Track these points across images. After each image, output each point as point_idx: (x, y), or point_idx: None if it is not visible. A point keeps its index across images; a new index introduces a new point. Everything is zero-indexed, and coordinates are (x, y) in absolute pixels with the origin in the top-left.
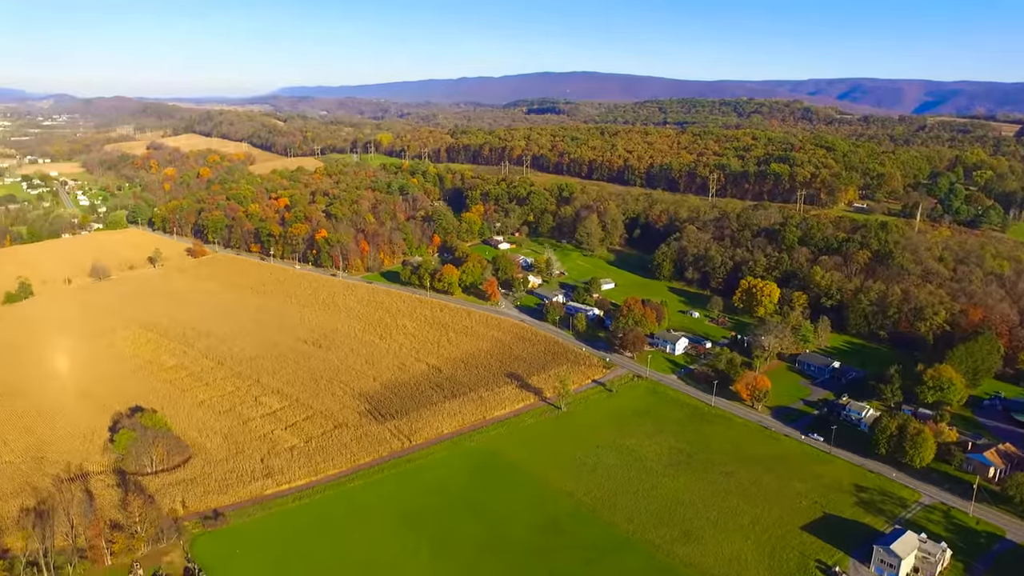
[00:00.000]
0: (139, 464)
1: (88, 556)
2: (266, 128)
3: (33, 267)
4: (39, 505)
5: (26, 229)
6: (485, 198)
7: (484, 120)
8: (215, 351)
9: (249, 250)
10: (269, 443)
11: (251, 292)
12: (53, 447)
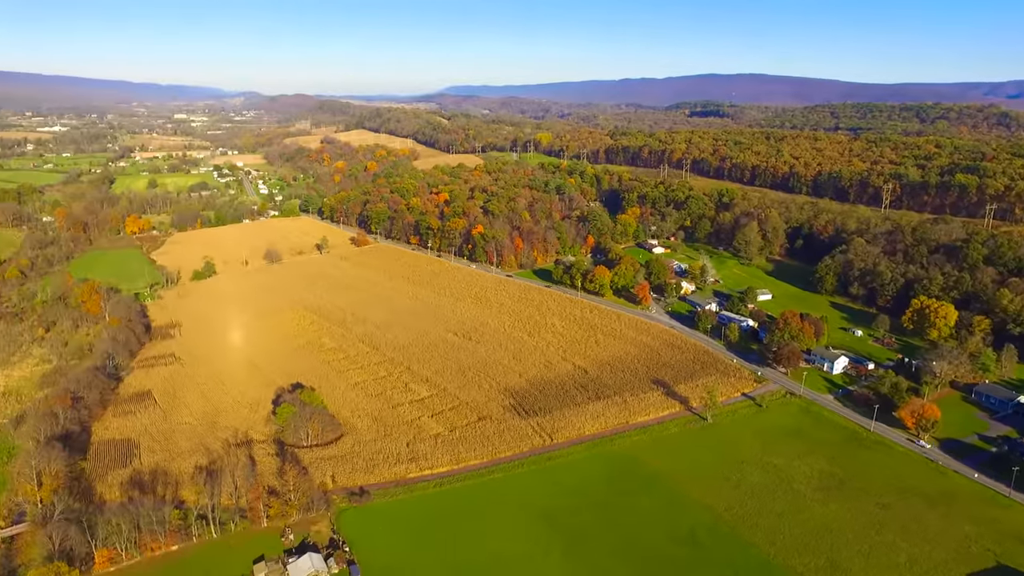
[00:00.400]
0: (296, 437)
1: (248, 516)
2: (431, 125)
3: (217, 248)
4: (210, 465)
5: (214, 214)
6: (642, 201)
7: (644, 122)
8: (371, 337)
9: (408, 242)
10: (415, 429)
11: (407, 282)
12: (224, 414)
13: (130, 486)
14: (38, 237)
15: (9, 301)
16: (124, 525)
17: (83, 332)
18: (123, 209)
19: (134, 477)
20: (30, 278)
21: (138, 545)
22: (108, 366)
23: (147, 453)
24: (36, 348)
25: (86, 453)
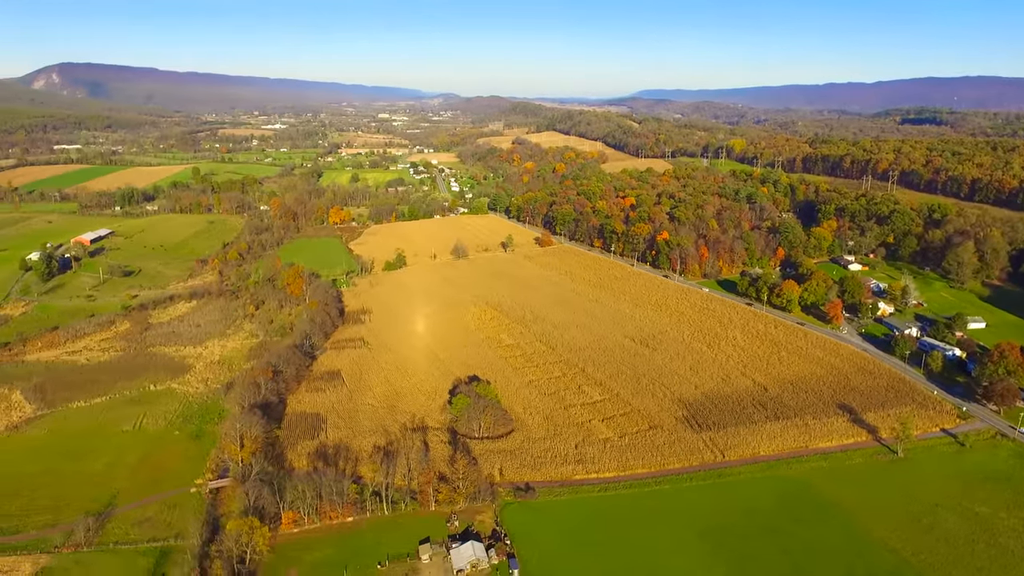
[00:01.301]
0: (469, 428)
1: (417, 499)
2: (621, 129)
3: (409, 241)
4: (388, 446)
5: (408, 208)
6: (840, 213)
7: (848, 129)
8: (548, 336)
9: (592, 244)
10: (585, 431)
11: (588, 285)
12: (404, 399)
13: (316, 457)
14: (255, 224)
15: (229, 280)
16: (308, 492)
17: (286, 312)
18: (328, 201)
19: (320, 449)
20: (247, 260)
21: (318, 512)
22: (305, 345)
23: (333, 428)
24: (247, 323)
25: (281, 422)
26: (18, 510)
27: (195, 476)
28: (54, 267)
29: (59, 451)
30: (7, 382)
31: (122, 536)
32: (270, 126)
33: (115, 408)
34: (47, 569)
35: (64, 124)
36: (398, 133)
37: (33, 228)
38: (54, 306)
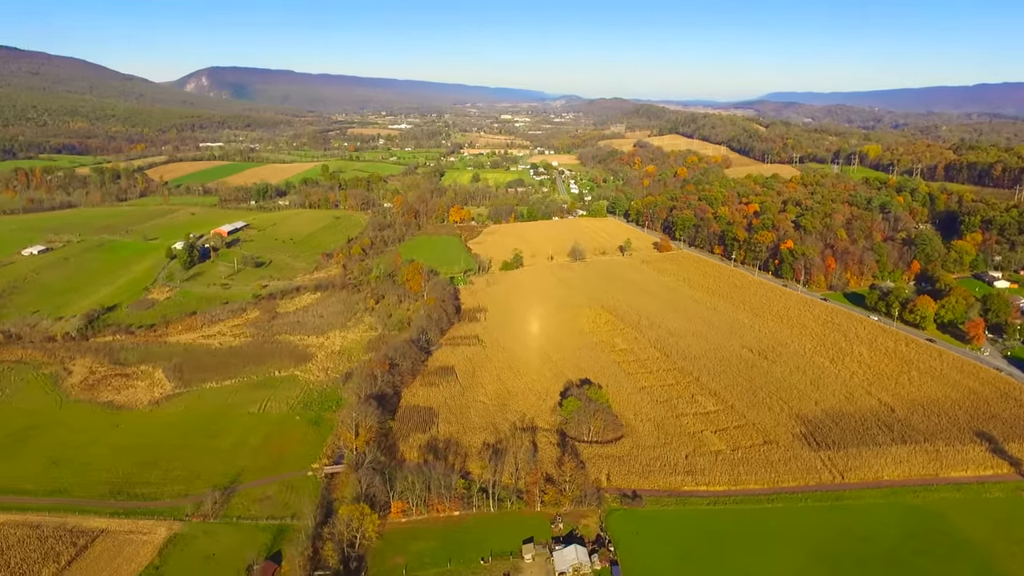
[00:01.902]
0: (578, 431)
1: (523, 498)
2: (746, 133)
3: (526, 242)
4: (496, 444)
5: (527, 209)
6: (986, 226)
7: (1001, 134)
8: (663, 343)
9: (711, 251)
10: (696, 442)
11: (706, 292)
12: (515, 398)
13: (426, 450)
14: (379, 220)
15: (352, 274)
16: (418, 484)
17: (405, 307)
18: (449, 200)
19: (431, 443)
20: (369, 255)
21: (426, 503)
22: (421, 340)
23: (444, 423)
24: (367, 316)
25: (395, 414)
26: (156, 479)
27: (312, 460)
28: (195, 256)
29: (193, 427)
30: (152, 361)
31: (244, 511)
32: (396, 126)
33: (243, 391)
34: (179, 535)
35: (210, 123)
36: (519, 134)
37: (179, 219)
38: (193, 292)
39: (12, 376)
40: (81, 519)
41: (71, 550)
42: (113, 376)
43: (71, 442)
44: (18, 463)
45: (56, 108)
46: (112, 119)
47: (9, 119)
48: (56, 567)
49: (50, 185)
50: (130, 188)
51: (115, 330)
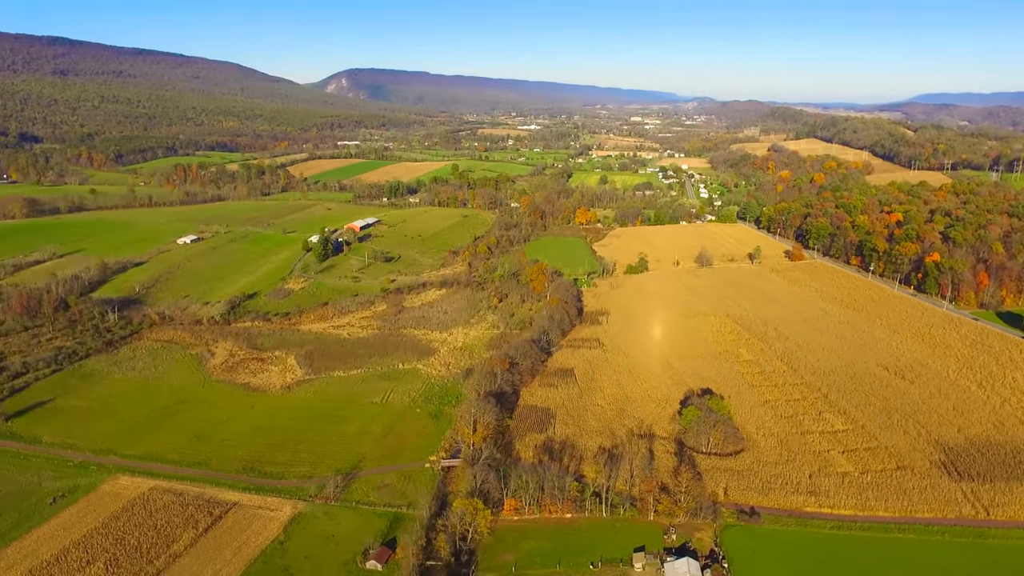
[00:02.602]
0: (697, 441)
1: (637, 506)
2: (892, 137)
3: (652, 246)
4: (612, 448)
5: (653, 213)
6: None
7: None
8: (791, 356)
9: (847, 262)
10: (822, 461)
11: (840, 305)
12: (633, 404)
13: (542, 450)
14: (505, 220)
15: (476, 271)
16: (531, 483)
17: (527, 307)
18: (575, 201)
19: (546, 443)
20: (494, 254)
21: (539, 504)
22: (542, 340)
23: (560, 425)
24: (490, 314)
25: (512, 413)
26: (284, 459)
27: (430, 452)
28: (329, 249)
29: (320, 413)
30: (285, 347)
31: (363, 497)
32: (526, 127)
33: (368, 381)
34: (302, 514)
35: (347, 123)
36: (649, 136)
37: (316, 214)
38: (326, 284)
39: (164, 354)
40: (217, 491)
41: (207, 519)
42: (250, 360)
43: (212, 419)
44: (167, 435)
45: (212, 108)
46: (260, 118)
47: (173, 119)
48: (194, 533)
49: (203, 180)
50: (273, 183)
51: (254, 316)
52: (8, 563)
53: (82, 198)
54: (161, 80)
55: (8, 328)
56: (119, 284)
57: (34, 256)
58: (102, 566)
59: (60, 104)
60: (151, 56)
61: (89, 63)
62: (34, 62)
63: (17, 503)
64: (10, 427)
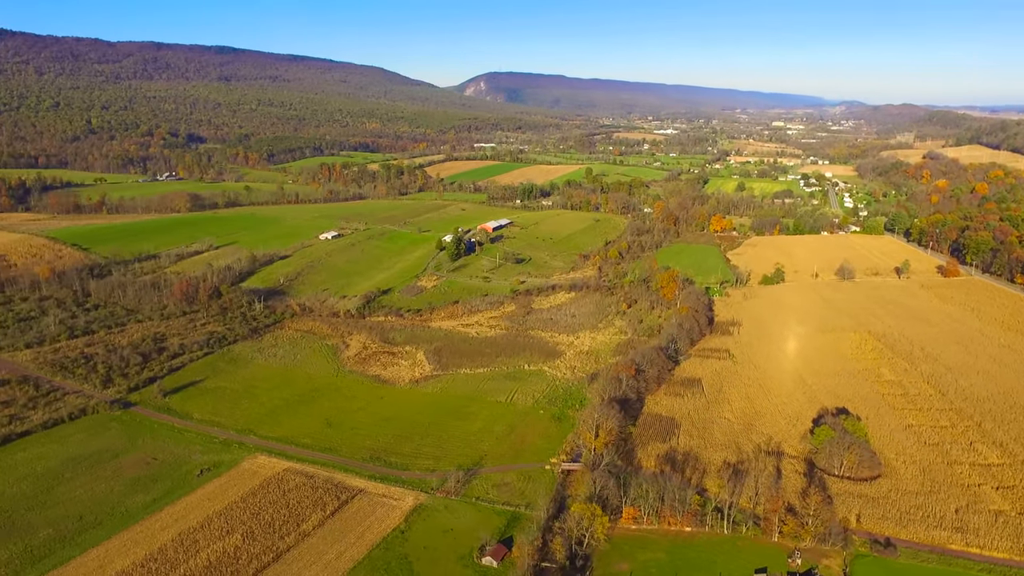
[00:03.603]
0: (829, 463)
1: (760, 525)
2: None
3: (789, 256)
4: (737, 464)
5: (793, 222)
6: None
7: None
8: (939, 379)
9: (1011, 280)
10: (971, 496)
11: (1000, 326)
12: (762, 419)
13: (664, 460)
14: (638, 225)
15: (606, 276)
16: (651, 493)
17: (656, 314)
18: (710, 208)
19: (669, 453)
20: (625, 259)
21: (658, 514)
22: (670, 348)
23: (685, 436)
24: (617, 320)
25: (636, 420)
26: (409, 451)
27: (551, 454)
28: (462, 249)
29: (445, 408)
30: (416, 343)
31: (483, 493)
32: (662, 131)
33: (493, 380)
34: (422, 506)
35: (484, 125)
36: (791, 142)
37: (450, 214)
38: (457, 283)
39: (303, 344)
40: (345, 477)
41: (335, 502)
42: (382, 353)
43: (343, 407)
44: (302, 420)
45: (356, 111)
46: (401, 120)
47: (321, 120)
48: (322, 514)
49: (346, 179)
50: (411, 183)
51: (387, 311)
52: (162, 524)
53: (237, 194)
54: (312, 84)
55: (170, 312)
56: (266, 275)
57: (194, 247)
58: (239, 537)
59: (223, 107)
60: (304, 62)
61: (249, 69)
62: (203, 70)
63: (171, 472)
64: (167, 402)
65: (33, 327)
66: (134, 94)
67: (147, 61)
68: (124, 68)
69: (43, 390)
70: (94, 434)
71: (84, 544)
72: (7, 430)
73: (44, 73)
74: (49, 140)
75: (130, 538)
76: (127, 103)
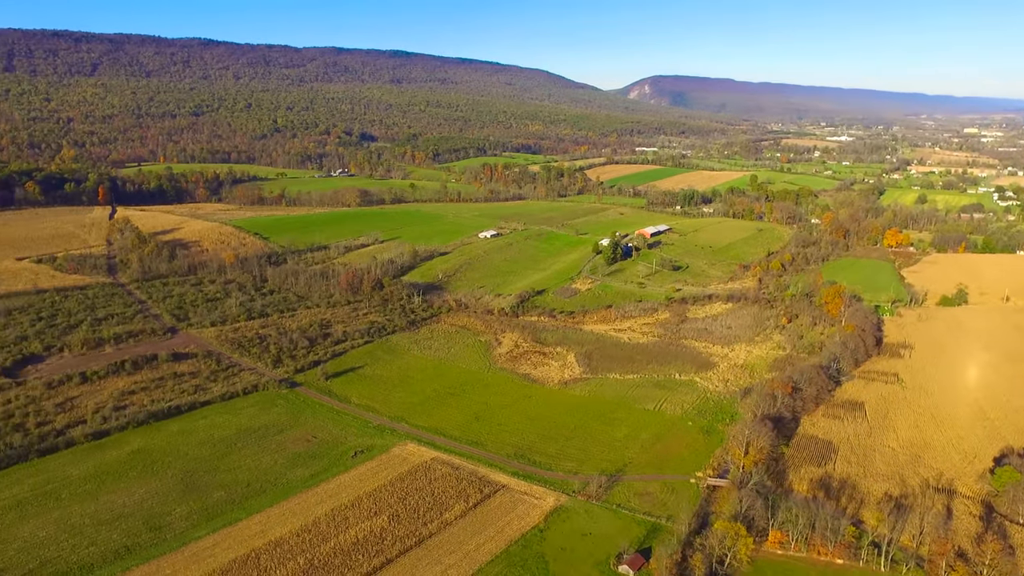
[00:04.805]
0: (1012, 509)
1: (924, 567)
2: None
3: (975, 276)
4: (900, 497)
5: (982, 239)
6: None
7: None
8: None
9: None
10: None
11: None
12: (931, 452)
13: (818, 486)
14: (803, 236)
15: (766, 288)
16: (802, 518)
17: (818, 330)
18: (885, 221)
19: (824, 479)
20: (787, 271)
21: (807, 542)
22: (831, 368)
23: (843, 461)
24: (776, 334)
25: (789, 440)
26: (553, 452)
27: (696, 468)
28: (618, 253)
29: (592, 412)
30: (566, 344)
31: (624, 501)
32: (835, 138)
33: (642, 387)
34: (563, 507)
35: (647, 129)
36: (985, 151)
37: (608, 218)
38: (612, 287)
39: (457, 338)
40: (489, 471)
41: (478, 495)
42: (532, 352)
43: (491, 403)
44: (451, 412)
45: (520, 113)
46: (563, 123)
47: (485, 122)
48: (465, 506)
49: (507, 179)
50: (570, 186)
51: (540, 312)
52: (318, 499)
53: (403, 191)
54: (477, 86)
55: (335, 301)
56: (425, 270)
57: (361, 240)
58: (386, 519)
59: (394, 108)
60: (471, 65)
61: (419, 72)
62: (377, 72)
63: (328, 450)
64: (328, 385)
65: (218, 307)
66: (315, 96)
67: (328, 65)
68: (307, 72)
69: (223, 365)
70: (263, 409)
71: (249, 509)
72: (192, 398)
73: (240, 77)
74: (241, 138)
75: (288, 508)
76: (308, 104)
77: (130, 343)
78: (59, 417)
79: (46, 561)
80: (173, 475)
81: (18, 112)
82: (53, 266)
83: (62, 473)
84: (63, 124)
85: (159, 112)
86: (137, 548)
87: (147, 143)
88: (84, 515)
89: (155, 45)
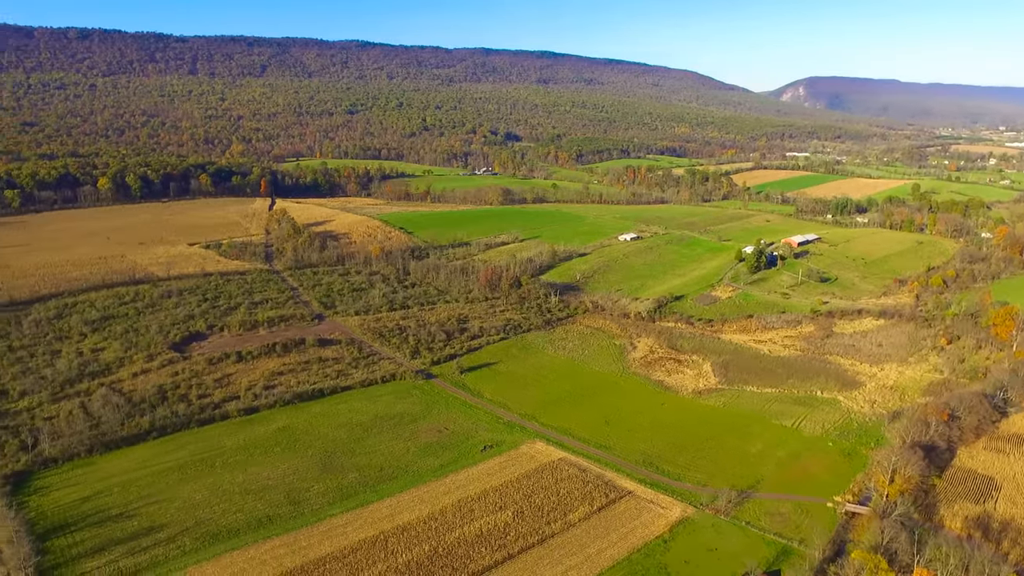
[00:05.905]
0: None
1: None
2: None
3: None
4: None
5: None
6: None
7: None
8: None
9: None
10: None
11: None
12: None
13: (974, 525)
14: (971, 251)
15: (924, 305)
16: (953, 559)
17: (983, 354)
18: None
19: (982, 518)
20: (950, 289)
21: None
22: (997, 397)
23: (1005, 501)
24: (933, 356)
25: (942, 472)
26: (683, 462)
27: (835, 492)
28: (762, 262)
29: (726, 424)
30: (703, 352)
31: (753, 519)
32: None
33: (780, 402)
34: (689, 519)
35: (799, 133)
36: None
37: (753, 224)
38: (754, 296)
39: (592, 340)
40: (616, 476)
41: (602, 499)
42: (667, 359)
43: (623, 408)
44: (582, 413)
45: (666, 115)
46: (710, 125)
47: (630, 123)
48: (589, 508)
49: (649, 182)
50: (715, 190)
51: (677, 318)
52: (445, 489)
53: (545, 191)
54: (624, 88)
55: (474, 297)
56: (563, 270)
57: (501, 238)
58: (510, 515)
59: (539, 108)
60: (618, 65)
61: (566, 72)
62: (524, 73)
63: (459, 442)
64: (462, 379)
65: (362, 297)
66: (463, 95)
67: (476, 66)
68: (456, 72)
69: (364, 353)
70: (399, 398)
71: (381, 493)
72: (335, 383)
73: (394, 77)
74: (391, 135)
75: (417, 495)
76: (456, 103)
77: (281, 327)
78: (217, 392)
79: (201, 521)
80: (313, 454)
81: (197, 111)
82: (218, 252)
83: (217, 443)
84: (234, 121)
85: (318, 110)
86: (278, 519)
87: (305, 139)
88: (234, 483)
89: (317, 47)
